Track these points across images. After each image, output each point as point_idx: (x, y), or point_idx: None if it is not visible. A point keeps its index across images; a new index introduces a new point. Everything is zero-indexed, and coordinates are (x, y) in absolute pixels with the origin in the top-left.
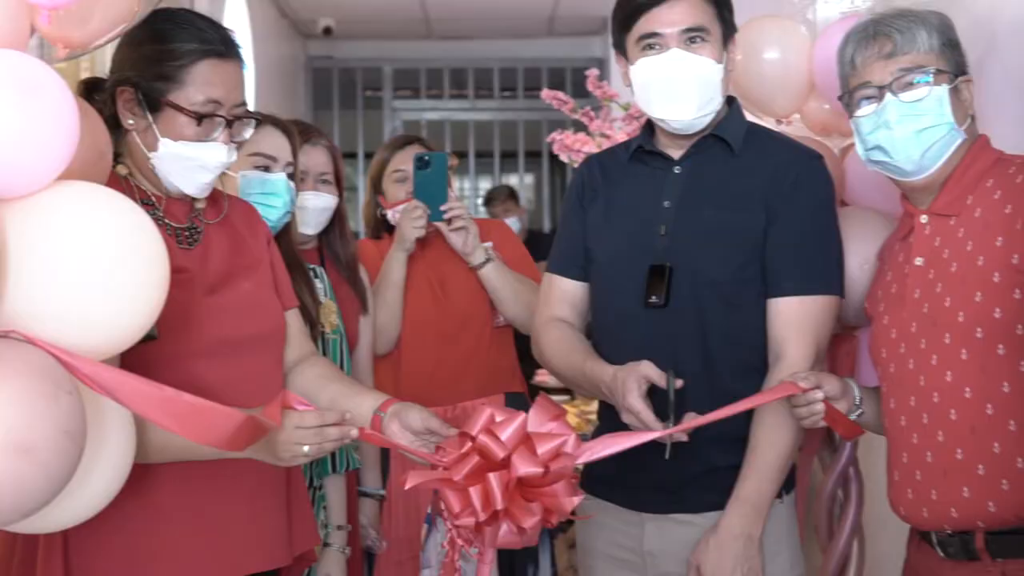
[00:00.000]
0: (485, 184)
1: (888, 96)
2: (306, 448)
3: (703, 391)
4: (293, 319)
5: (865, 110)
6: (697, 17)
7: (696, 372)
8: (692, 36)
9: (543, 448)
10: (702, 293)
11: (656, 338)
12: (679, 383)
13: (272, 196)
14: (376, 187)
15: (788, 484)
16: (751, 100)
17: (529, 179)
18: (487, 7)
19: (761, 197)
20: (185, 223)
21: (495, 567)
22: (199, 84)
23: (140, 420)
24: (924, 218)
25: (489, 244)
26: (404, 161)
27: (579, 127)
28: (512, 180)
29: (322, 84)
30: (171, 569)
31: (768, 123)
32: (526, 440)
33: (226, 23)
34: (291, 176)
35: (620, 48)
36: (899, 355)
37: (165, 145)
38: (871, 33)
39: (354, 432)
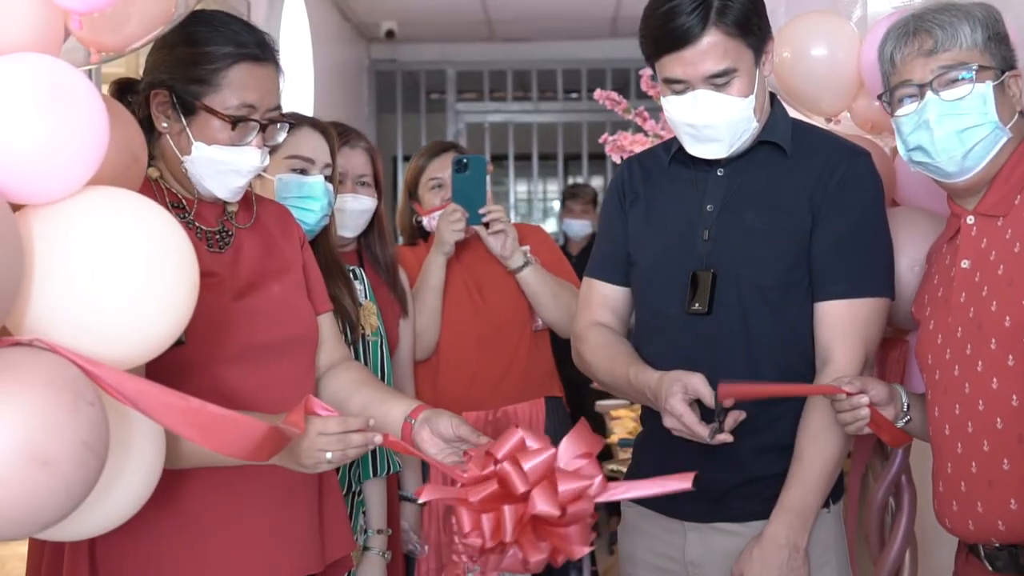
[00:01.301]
0: (552, 187)
1: (929, 95)
2: (329, 455)
3: (748, 399)
4: (326, 323)
5: (906, 109)
6: (720, 60)
7: (739, 376)
8: (719, 80)
9: (566, 487)
10: (747, 299)
11: (699, 345)
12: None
13: (309, 200)
14: (412, 194)
15: (836, 493)
16: (798, 98)
17: (597, 182)
18: (549, 8)
19: (807, 197)
20: (216, 227)
21: None
22: (234, 88)
23: None
24: (970, 219)
25: (527, 248)
26: (440, 169)
27: (640, 130)
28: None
29: (385, 87)
30: (203, 570)
31: (817, 122)
32: (550, 475)
33: (285, 28)
34: (329, 179)
35: (653, 71)
36: (944, 361)
37: (198, 149)
38: (911, 29)
39: (378, 439)
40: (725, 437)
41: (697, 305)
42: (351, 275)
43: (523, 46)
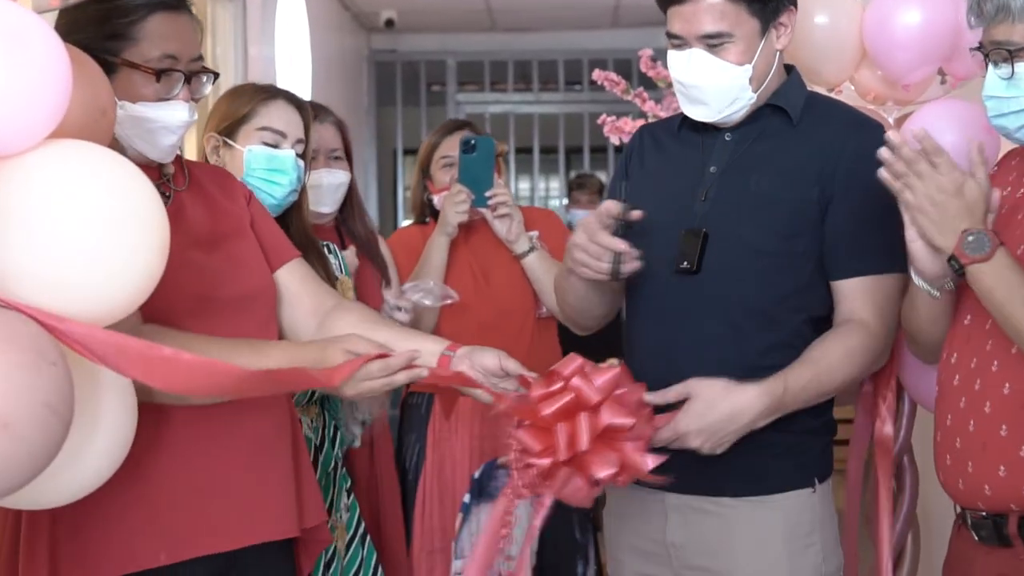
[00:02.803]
0: (554, 184)
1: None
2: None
3: (731, 361)
4: (299, 269)
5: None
6: (716, 22)
7: (724, 341)
8: (712, 42)
9: (629, 403)
10: (739, 261)
11: (687, 305)
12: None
13: (278, 173)
14: (424, 172)
15: (823, 472)
16: (800, 68)
17: (599, 175)
18: None
19: (816, 167)
20: None
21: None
22: (153, 39)
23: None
24: None
25: (535, 233)
26: (453, 147)
27: (641, 115)
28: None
29: (385, 78)
30: (174, 536)
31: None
32: (613, 394)
33: (282, 16)
34: (301, 155)
35: None
36: (981, 309)
37: (124, 108)
38: None
39: (423, 372)
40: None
41: (685, 263)
42: (325, 250)
43: (524, 36)
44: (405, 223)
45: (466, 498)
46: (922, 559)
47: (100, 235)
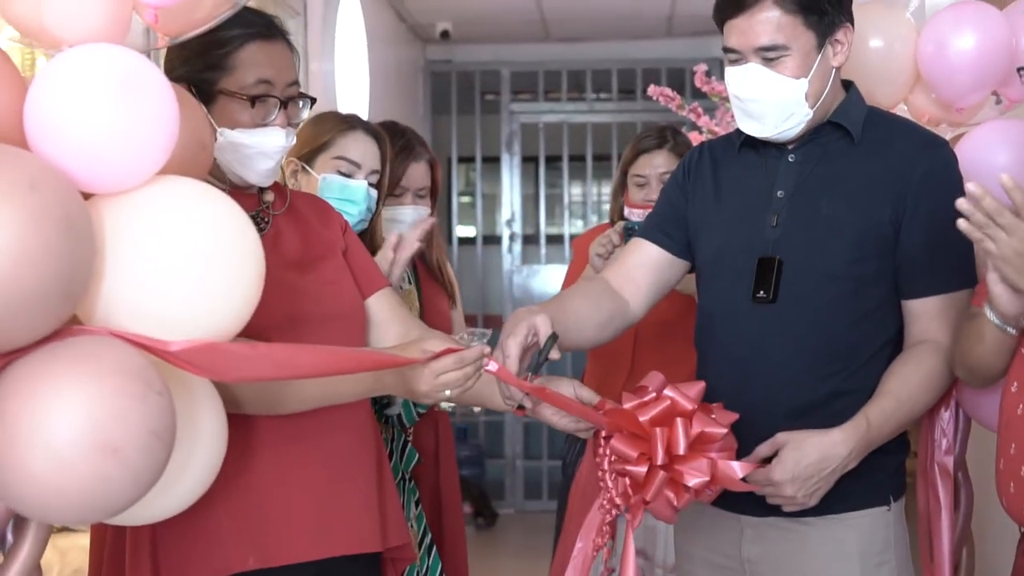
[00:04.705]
0: (606, 190)
1: None
2: (447, 392)
3: (809, 389)
4: (386, 301)
5: None
6: (773, 35)
7: (801, 368)
8: (769, 55)
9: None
10: (815, 288)
11: (763, 333)
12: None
13: (349, 203)
14: (623, 181)
15: (897, 491)
16: None
17: None
18: (604, 8)
19: (886, 189)
20: (252, 213)
21: None
22: (247, 67)
23: None
24: None
25: None
26: (646, 167)
27: (694, 127)
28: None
29: (440, 88)
30: (263, 543)
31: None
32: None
33: (341, 28)
34: (375, 185)
35: None
36: None
37: (223, 135)
38: None
39: (492, 366)
40: (525, 401)
41: (762, 292)
42: None
43: (577, 46)
44: (458, 228)
45: None
46: (977, 573)
47: (203, 270)
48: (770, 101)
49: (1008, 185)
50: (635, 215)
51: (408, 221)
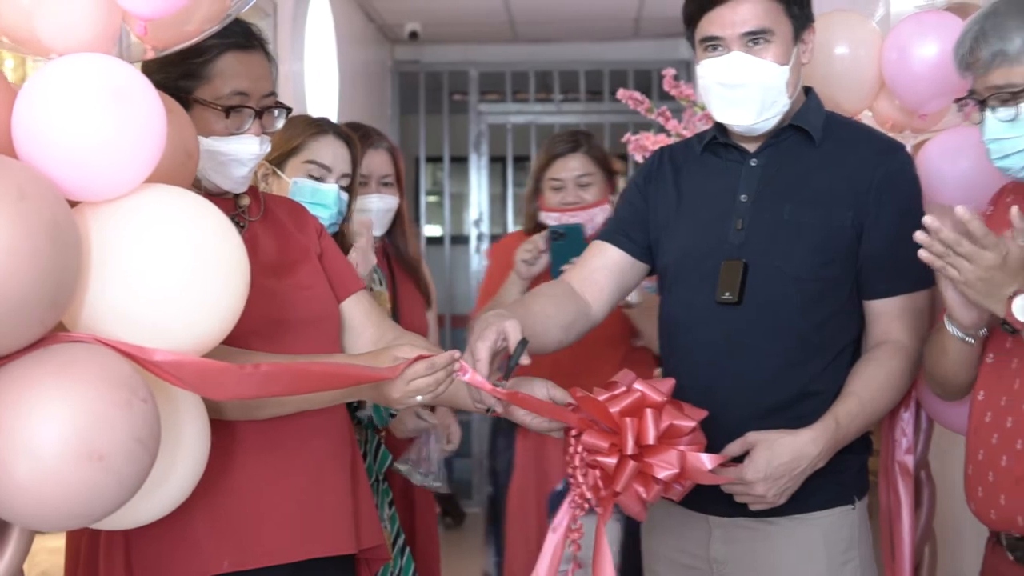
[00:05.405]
0: None
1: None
2: (419, 398)
3: (776, 390)
4: (363, 301)
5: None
6: (760, 19)
7: (768, 370)
8: (755, 38)
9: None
10: (780, 291)
11: (729, 336)
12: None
13: (320, 207)
14: (537, 186)
15: (861, 490)
16: (819, 97)
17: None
18: (572, 9)
19: (848, 195)
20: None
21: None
22: (224, 77)
23: None
24: None
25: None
26: (561, 171)
27: (662, 130)
28: None
29: (408, 88)
30: (238, 546)
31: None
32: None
33: (310, 29)
34: (347, 188)
35: (691, 44)
36: (1005, 349)
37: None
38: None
39: (467, 375)
40: (496, 406)
41: (727, 295)
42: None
43: (545, 47)
44: (426, 227)
45: (560, 486)
46: (940, 571)
47: (189, 278)
48: (756, 84)
49: (965, 218)
50: (552, 219)
51: (374, 209)
